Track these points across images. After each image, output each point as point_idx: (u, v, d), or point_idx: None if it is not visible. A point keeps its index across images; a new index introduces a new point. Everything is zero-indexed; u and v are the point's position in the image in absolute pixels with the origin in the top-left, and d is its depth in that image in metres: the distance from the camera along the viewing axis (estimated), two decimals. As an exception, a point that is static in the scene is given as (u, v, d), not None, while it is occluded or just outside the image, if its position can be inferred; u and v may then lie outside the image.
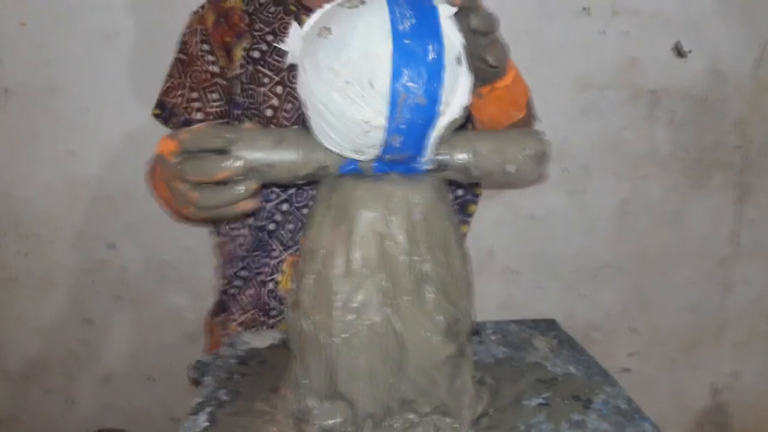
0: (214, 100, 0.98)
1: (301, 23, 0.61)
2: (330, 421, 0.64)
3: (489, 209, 1.44)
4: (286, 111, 0.96)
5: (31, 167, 1.35)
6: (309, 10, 0.95)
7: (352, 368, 0.63)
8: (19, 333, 1.45)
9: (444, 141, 0.62)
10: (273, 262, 0.97)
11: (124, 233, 1.39)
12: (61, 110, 1.32)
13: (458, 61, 0.58)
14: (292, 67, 0.90)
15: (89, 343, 1.47)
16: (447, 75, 0.57)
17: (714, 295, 1.54)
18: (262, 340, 0.86)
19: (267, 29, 0.98)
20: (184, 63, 0.99)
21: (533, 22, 1.34)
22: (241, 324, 0.99)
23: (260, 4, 0.99)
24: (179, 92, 0.98)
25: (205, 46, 0.98)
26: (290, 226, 0.97)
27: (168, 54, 1.00)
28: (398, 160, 0.62)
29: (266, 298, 0.97)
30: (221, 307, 1.03)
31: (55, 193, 1.36)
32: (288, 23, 0.97)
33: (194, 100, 0.98)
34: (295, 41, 0.60)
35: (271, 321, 0.98)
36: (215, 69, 0.97)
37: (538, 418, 0.67)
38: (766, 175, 1.49)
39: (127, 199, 1.36)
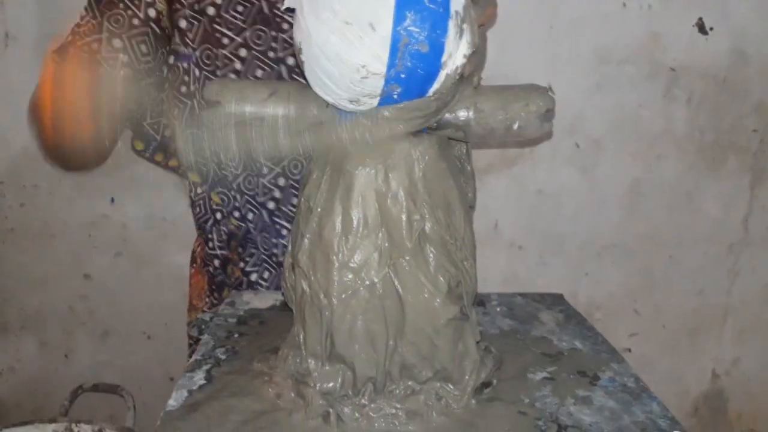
0: (143, 54, 0.82)
1: None
2: (329, 384, 0.62)
3: (497, 182, 1.41)
4: (255, 78, 0.84)
5: (32, 116, 1.32)
6: None
7: (350, 330, 0.61)
8: (17, 285, 1.44)
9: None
10: (284, 241, 0.91)
11: (125, 189, 1.37)
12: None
13: (463, 11, 0.55)
14: (257, 27, 0.81)
15: (87, 298, 1.46)
16: (452, 25, 0.54)
17: (720, 281, 1.52)
18: (262, 300, 0.85)
19: None
20: (100, 1, 0.82)
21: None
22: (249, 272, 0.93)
23: None
24: (94, 38, 0.81)
25: None
26: (295, 200, 0.89)
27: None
28: None
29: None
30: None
31: (57, 144, 1.34)
32: None
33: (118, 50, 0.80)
34: None
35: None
36: (151, 12, 0.82)
37: (542, 392, 0.66)
38: (783, 160, 1.45)
39: (129, 153, 1.33)
